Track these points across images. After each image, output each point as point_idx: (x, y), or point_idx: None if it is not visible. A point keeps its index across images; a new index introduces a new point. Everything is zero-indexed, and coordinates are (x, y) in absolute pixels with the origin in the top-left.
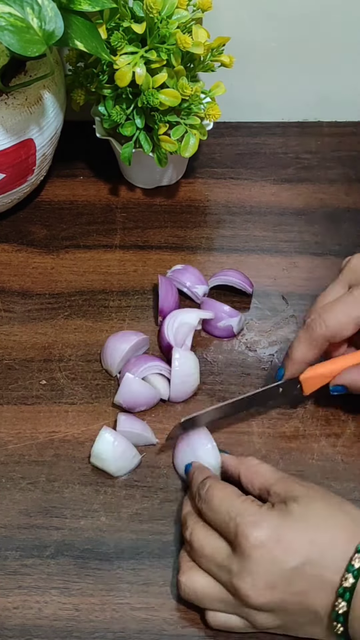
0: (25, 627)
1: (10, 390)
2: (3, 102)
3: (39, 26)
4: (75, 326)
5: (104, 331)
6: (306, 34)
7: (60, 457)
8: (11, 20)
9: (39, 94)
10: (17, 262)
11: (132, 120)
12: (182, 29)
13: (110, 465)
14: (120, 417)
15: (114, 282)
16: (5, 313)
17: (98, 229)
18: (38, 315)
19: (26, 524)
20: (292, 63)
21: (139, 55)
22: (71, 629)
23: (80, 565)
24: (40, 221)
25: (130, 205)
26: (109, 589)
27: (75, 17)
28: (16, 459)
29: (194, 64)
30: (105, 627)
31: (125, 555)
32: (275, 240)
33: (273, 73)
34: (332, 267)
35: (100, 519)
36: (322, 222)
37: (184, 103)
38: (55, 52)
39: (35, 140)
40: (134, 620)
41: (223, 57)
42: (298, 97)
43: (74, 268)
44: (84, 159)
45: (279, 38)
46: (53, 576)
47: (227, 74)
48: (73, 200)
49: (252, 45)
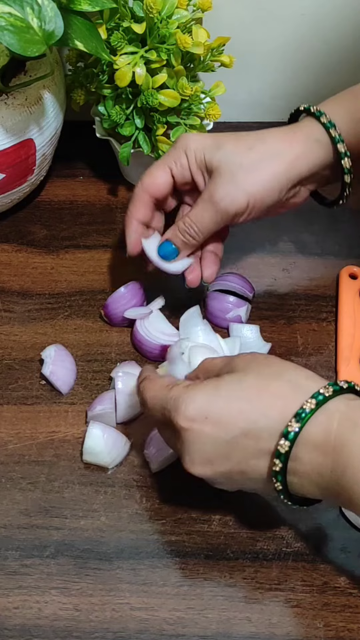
0: (25, 627)
1: (10, 390)
2: (3, 102)
3: (39, 26)
4: (75, 326)
5: (103, 331)
6: (306, 34)
7: (60, 457)
8: (11, 20)
9: (39, 94)
10: (17, 262)
11: (132, 121)
12: (182, 29)
13: (105, 458)
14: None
15: (114, 282)
16: (5, 313)
17: (98, 229)
18: (38, 315)
19: (26, 524)
20: (292, 63)
21: (139, 55)
22: (71, 629)
23: (80, 565)
24: (40, 221)
25: None
26: (109, 589)
27: (75, 17)
28: (16, 459)
29: (194, 64)
30: (105, 627)
31: (125, 555)
32: (275, 240)
33: (273, 73)
34: (332, 267)
35: (100, 519)
36: (322, 222)
37: (184, 103)
38: (55, 52)
39: (35, 140)
40: (134, 620)
41: (223, 57)
42: (298, 97)
43: (74, 268)
44: (84, 159)
45: (279, 38)
46: (53, 576)
47: (227, 74)
48: (73, 200)
49: (252, 45)
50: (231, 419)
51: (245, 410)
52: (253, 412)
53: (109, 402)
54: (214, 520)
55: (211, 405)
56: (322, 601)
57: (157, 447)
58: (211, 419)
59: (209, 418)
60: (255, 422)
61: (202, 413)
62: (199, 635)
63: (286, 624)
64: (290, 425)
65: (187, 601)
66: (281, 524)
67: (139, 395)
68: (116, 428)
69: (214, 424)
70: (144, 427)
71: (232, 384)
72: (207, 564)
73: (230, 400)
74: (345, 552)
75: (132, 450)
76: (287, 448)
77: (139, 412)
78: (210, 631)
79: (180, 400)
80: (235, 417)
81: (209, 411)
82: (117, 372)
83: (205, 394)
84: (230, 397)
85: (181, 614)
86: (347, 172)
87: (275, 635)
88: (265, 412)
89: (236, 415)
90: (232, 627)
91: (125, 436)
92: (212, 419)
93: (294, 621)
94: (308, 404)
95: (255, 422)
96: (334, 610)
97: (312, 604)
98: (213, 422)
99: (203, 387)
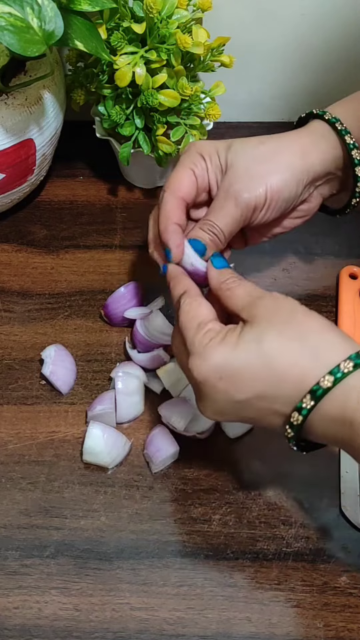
0: (25, 627)
1: (10, 390)
2: (3, 102)
3: (39, 26)
4: (75, 326)
5: (103, 331)
6: (306, 34)
7: (60, 457)
8: (11, 20)
9: (39, 94)
10: (17, 262)
11: (132, 121)
12: (182, 29)
13: (105, 458)
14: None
15: (114, 282)
16: (5, 313)
17: (98, 229)
18: (38, 315)
19: (26, 524)
20: (292, 63)
21: (139, 55)
22: (71, 629)
23: (80, 565)
24: (40, 221)
25: (130, 205)
26: (109, 589)
27: (75, 17)
28: (16, 459)
29: (194, 64)
30: (105, 627)
31: (125, 555)
32: (275, 240)
33: (273, 73)
34: (332, 267)
35: (100, 519)
36: (322, 222)
37: (184, 103)
38: (55, 52)
39: (35, 140)
40: (134, 620)
41: (223, 57)
42: (298, 97)
43: (74, 268)
44: (84, 159)
45: (279, 38)
46: (53, 576)
47: (227, 74)
48: (73, 200)
49: (252, 45)
50: (245, 382)
51: (260, 375)
52: (268, 377)
53: (109, 402)
54: (214, 520)
55: (226, 366)
56: (322, 601)
57: (157, 447)
58: (225, 379)
59: (223, 379)
60: (270, 387)
61: (217, 373)
62: (199, 635)
63: (286, 624)
64: (305, 401)
65: (187, 601)
66: (281, 524)
67: (174, 304)
68: (116, 428)
69: (228, 384)
70: (144, 427)
71: (250, 344)
72: (207, 564)
73: (247, 362)
74: (345, 552)
75: (132, 450)
76: (300, 421)
77: (139, 412)
78: (210, 631)
79: (199, 354)
80: (250, 381)
81: (223, 372)
82: (117, 372)
83: (222, 354)
84: (246, 359)
85: (181, 614)
86: (358, 163)
87: (275, 635)
88: (281, 378)
89: (251, 378)
90: (232, 627)
91: (125, 436)
92: (226, 380)
93: (294, 621)
94: (325, 381)
95: (270, 387)
96: (334, 610)
97: (312, 604)
98: (227, 383)
99: (222, 346)
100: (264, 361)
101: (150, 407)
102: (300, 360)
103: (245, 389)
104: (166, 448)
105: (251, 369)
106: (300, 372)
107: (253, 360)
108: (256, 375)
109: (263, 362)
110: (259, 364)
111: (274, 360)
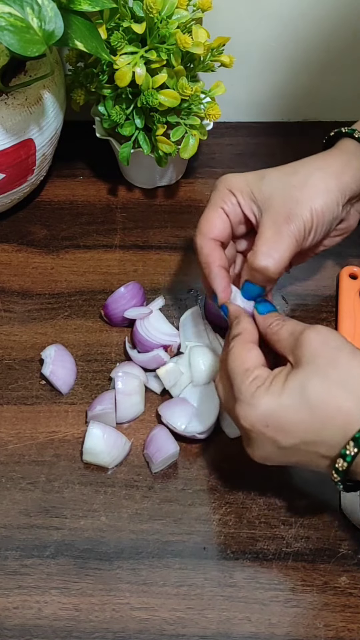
0: (25, 627)
1: (10, 390)
2: (3, 102)
3: (39, 26)
4: (75, 326)
5: (103, 331)
6: (306, 34)
7: (60, 457)
8: (11, 20)
9: (39, 94)
10: (17, 262)
11: (132, 121)
12: (182, 29)
13: (105, 458)
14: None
15: (114, 282)
16: (5, 313)
17: (98, 229)
18: (38, 315)
19: (26, 524)
20: (292, 63)
21: (139, 55)
22: (71, 629)
23: (80, 565)
24: (40, 221)
25: (130, 205)
26: (109, 589)
27: (75, 17)
28: (16, 459)
29: (194, 64)
30: (105, 627)
31: (125, 555)
32: None
33: (273, 73)
34: (332, 267)
35: (100, 519)
36: None
37: (184, 103)
38: (55, 52)
39: (35, 140)
40: (134, 620)
41: (223, 57)
42: (298, 97)
43: (74, 268)
44: (84, 159)
45: (279, 38)
46: (53, 576)
47: (227, 74)
48: (73, 200)
49: (252, 45)
50: (291, 429)
51: (305, 421)
52: (313, 424)
53: (109, 402)
54: (214, 520)
55: (272, 414)
56: (322, 601)
57: (157, 447)
58: (272, 427)
59: (270, 426)
60: (315, 434)
61: (264, 421)
62: (199, 635)
63: (286, 624)
64: (348, 448)
65: (187, 601)
66: (281, 524)
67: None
68: (116, 428)
69: (274, 432)
70: (144, 427)
71: (295, 391)
72: (207, 564)
73: (292, 410)
74: (345, 552)
75: (132, 450)
76: (345, 467)
77: (139, 412)
78: (210, 631)
79: (247, 401)
80: (296, 428)
81: (269, 420)
82: (117, 372)
83: (268, 403)
84: (292, 406)
85: (181, 614)
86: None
87: (275, 635)
88: (325, 425)
89: (296, 425)
90: (232, 627)
91: (125, 436)
92: (272, 428)
93: (294, 621)
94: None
95: (315, 434)
96: (334, 610)
97: (312, 604)
98: (273, 431)
99: (269, 394)
100: (308, 408)
101: (150, 407)
102: (346, 406)
103: (291, 436)
104: (166, 448)
105: (296, 416)
106: (345, 418)
107: (297, 408)
108: (301, 422)
109: (307, 409)
110: (304, 411)
111: (318, 406)
